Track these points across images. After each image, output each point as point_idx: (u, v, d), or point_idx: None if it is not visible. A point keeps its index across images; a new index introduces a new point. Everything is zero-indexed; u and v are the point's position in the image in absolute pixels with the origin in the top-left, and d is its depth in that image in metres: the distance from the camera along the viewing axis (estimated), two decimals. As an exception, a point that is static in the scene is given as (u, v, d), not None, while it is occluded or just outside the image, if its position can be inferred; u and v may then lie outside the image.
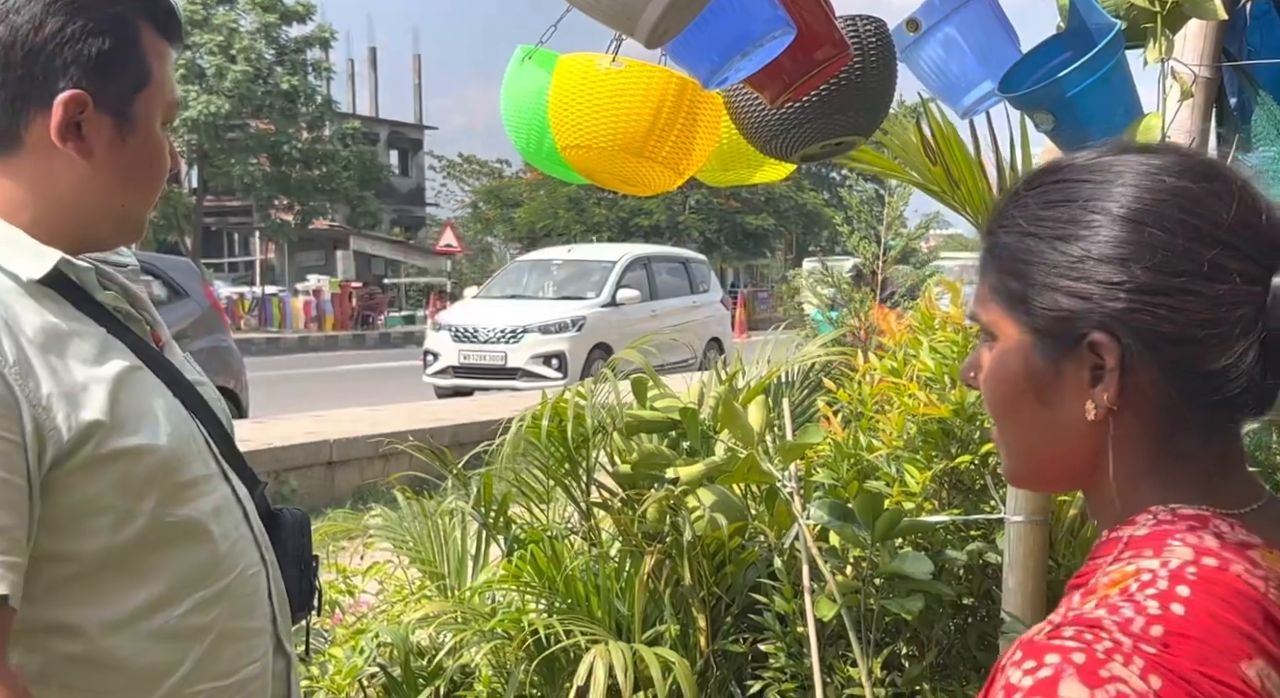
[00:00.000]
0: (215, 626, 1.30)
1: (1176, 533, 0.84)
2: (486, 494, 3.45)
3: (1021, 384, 0.91)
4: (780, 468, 2.96)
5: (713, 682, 3.10)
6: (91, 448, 1.19)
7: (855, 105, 2.13)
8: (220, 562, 1.31)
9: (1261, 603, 0.80)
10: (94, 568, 1.22)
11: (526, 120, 2.42)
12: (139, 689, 1.24)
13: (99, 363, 1.24)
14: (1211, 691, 0.76)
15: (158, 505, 1.25)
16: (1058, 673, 0.76)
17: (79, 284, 1.29)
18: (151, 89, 1.30)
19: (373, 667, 3.21)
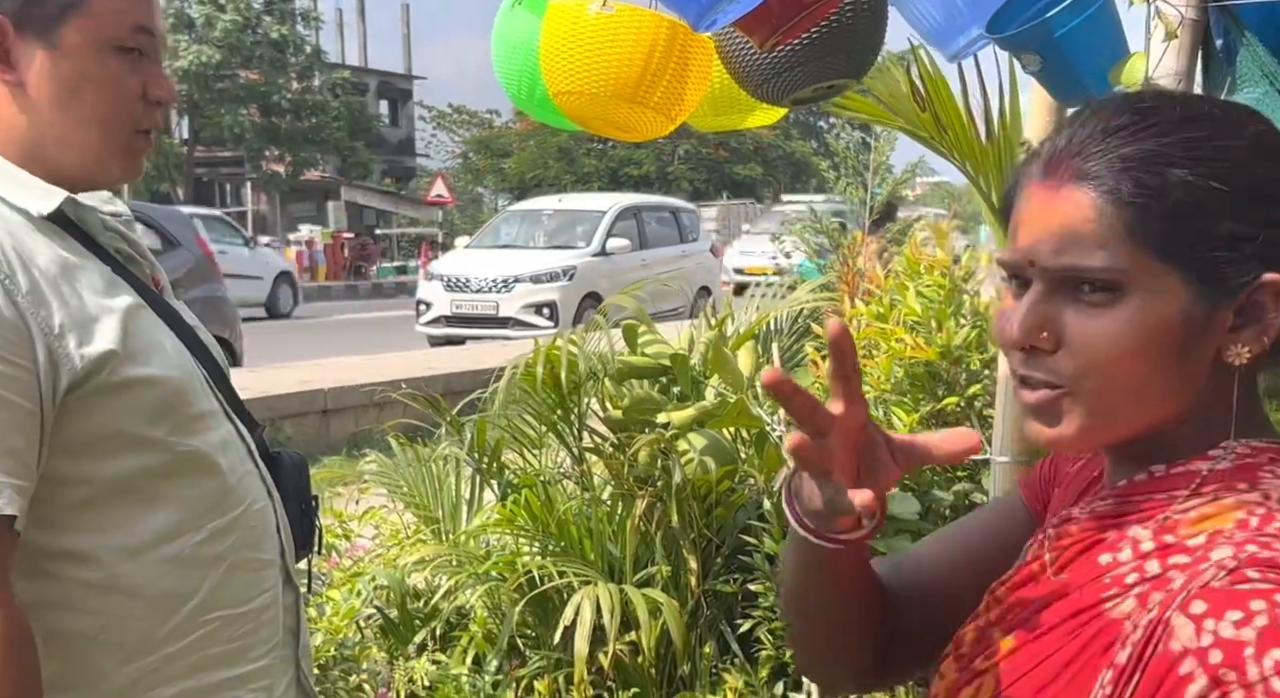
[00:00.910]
0: (228, 555, 1.31)
1: (1264, 466, 0.84)
2: (480, 441, 3.45)
3: (1173, 334, 0.83)
4: (770, 412, 2.97)
5: (703, 621, 3.13)
6: (105, 375, 1.20)
7: (846, 48, 2.10)
8: (230, 493, 1.31)
9: None
10: (108, 493, 1.23)
11: (517, 67, 2.39)
12: (156, 616, 1.26)
13: (109, 295, 1.24)
14: None
15: (168, 434, 1.26)
16: (1276, 618, 0.74)
17: (81, 225, 1.29)
18: (85, 12, 1.26)
19: (370, 609, 3.24)
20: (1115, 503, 0.88)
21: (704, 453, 3.07)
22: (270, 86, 30.32)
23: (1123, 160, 0.83)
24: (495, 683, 3.04)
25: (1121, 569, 0.84)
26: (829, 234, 7.78)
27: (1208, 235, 0.82)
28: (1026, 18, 1.95)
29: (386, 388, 4.68)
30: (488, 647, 3.13)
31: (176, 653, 1.27)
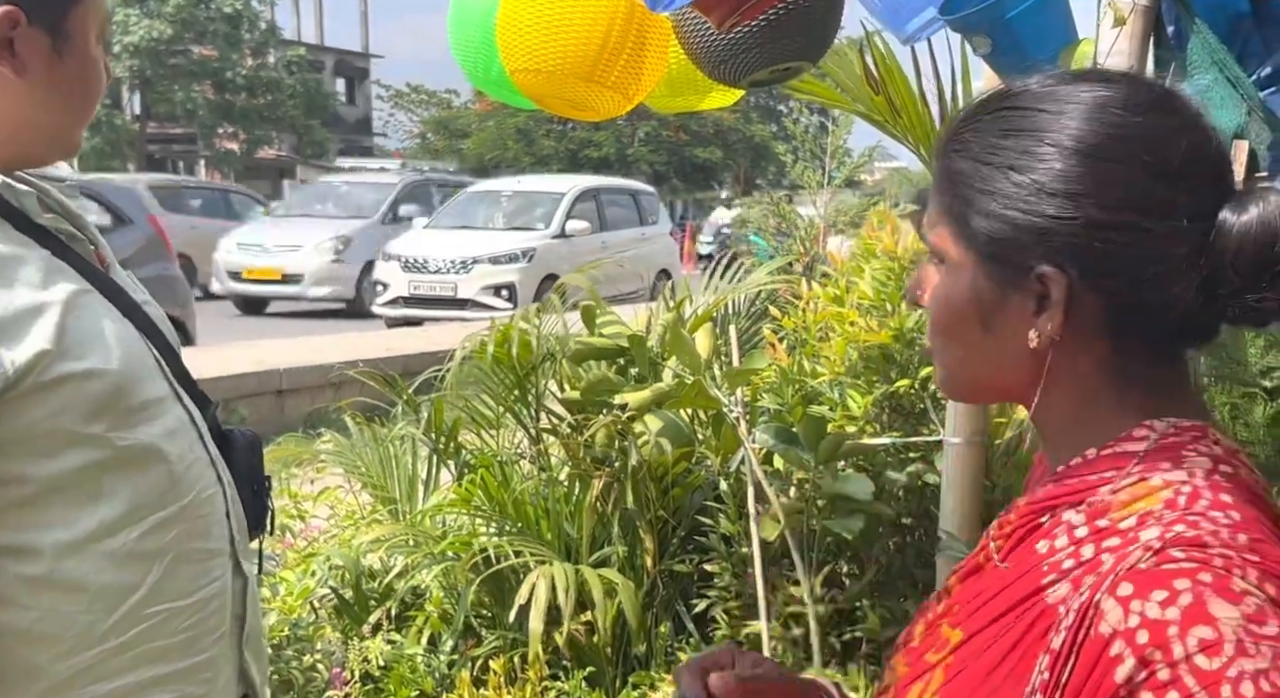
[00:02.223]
0: (172, 547, 1.28)
1: (1185, 445, 0.85)
2: (437, 421, 3.45)
3: (968, 307, 0.91)
4: (727, 394, 2.98)
5: (659, 601, 3.16)
6: (38, 375, 1.17)
7: (802, 30, 2.11)
8: (176, 483, 1.29)
9: (1271, 505, 0.83)
10: (48, 491, 1.21)
11: (474, 44, 2.38)
12: (98, 610, 1.23)
13: (44, 287, 1.21)
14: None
15: (109, 430, 1.23)
16: (1198, 596, 0.76)
17: (19, 208, 1.25)
18: (85, 4, 1.27)
19: (324, 589, 3.23)
20: (1051, 489, 0.90)
21: (661, 434, 3.09)
22: (224, 63, 29.92)
23: (949, 146, 0.92)
24: (450, 663, 3.05)
25: (1059, 555, 0.85)
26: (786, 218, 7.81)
27: (995, 222, 0.87)
28: (979, 2, 1.97)
29: (344, 368, 4.66)
30: (443, 626, 3.14)
31: (118, 647, 1.25)
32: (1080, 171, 0.84)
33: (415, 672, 2.94)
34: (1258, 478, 0.85)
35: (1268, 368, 2.76)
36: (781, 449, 2.90)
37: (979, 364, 0.93)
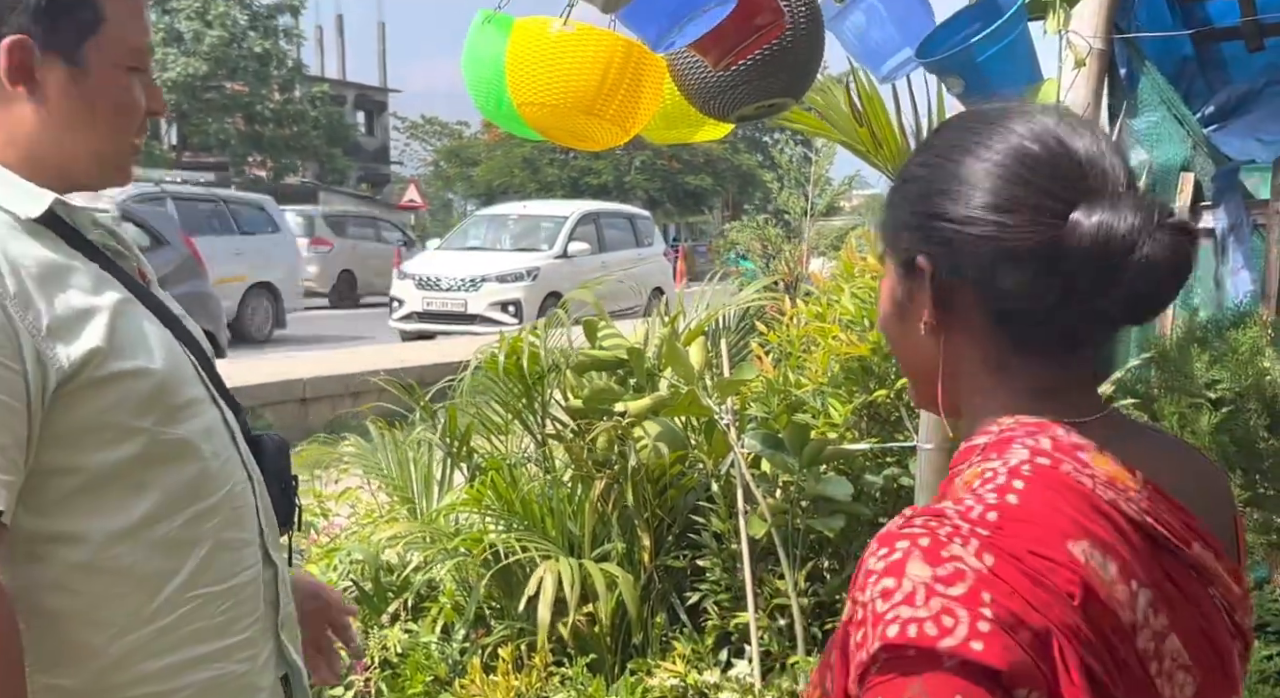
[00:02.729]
0: (209, 536, 1.29)
1: (1017, 438, 0.87)
2: (451, 426, 3.45)
3: (890, 304, 0.96)
4: (718, 402, 2.99)
5: (655, 594, 3.15)
6: (92, 371, 1.18)
7: (787, 69, 2.12)
8: (212, 478, 1.29)
9: (1088, 496, 0.83)
10: (98, 481, 1.20)
11: (486, 80, 2.39)
12: (143, 594, 1.24)
13: (95, 293, 1.22)
14: (1037, 564, 0.79)
15: (155, 424, 1.23)
16: (906, 555, 0.80)
17: (71, 224, 1.26)
18: (104, 34, 1.25)
19: (346, 581, 3.23)
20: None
21: (658, 439, 3.08)
22: (254, 97, 29.98)
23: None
24: (462, 650, 3.04)
25: None
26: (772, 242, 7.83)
27: (896, 226, 0.94)
28: (952, 44, 1.99)
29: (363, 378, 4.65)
30: (456, 617, 3.13)
31: (164, 628, 1.25)
32: (947, 175, 0.89)
33: (430, 659, 2.93)
34: (1095, 472, 0.84)
35: (1212, 381, 2.76)
36: (768, 454, 2.90)
37: (906, 357, 0.97)
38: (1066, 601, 0.78)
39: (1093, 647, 0.78)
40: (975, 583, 0.77)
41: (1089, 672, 0.77)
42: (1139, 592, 0.81)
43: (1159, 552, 0.84)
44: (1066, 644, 0.77)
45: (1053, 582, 0.78)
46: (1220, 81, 3.53)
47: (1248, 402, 2.67)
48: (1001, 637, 0.76)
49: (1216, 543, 0.88)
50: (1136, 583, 0.81)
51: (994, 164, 0.87)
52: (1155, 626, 0.82)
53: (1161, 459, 0.90)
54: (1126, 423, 0.93)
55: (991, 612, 0.76)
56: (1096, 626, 0.79)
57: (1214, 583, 0.87)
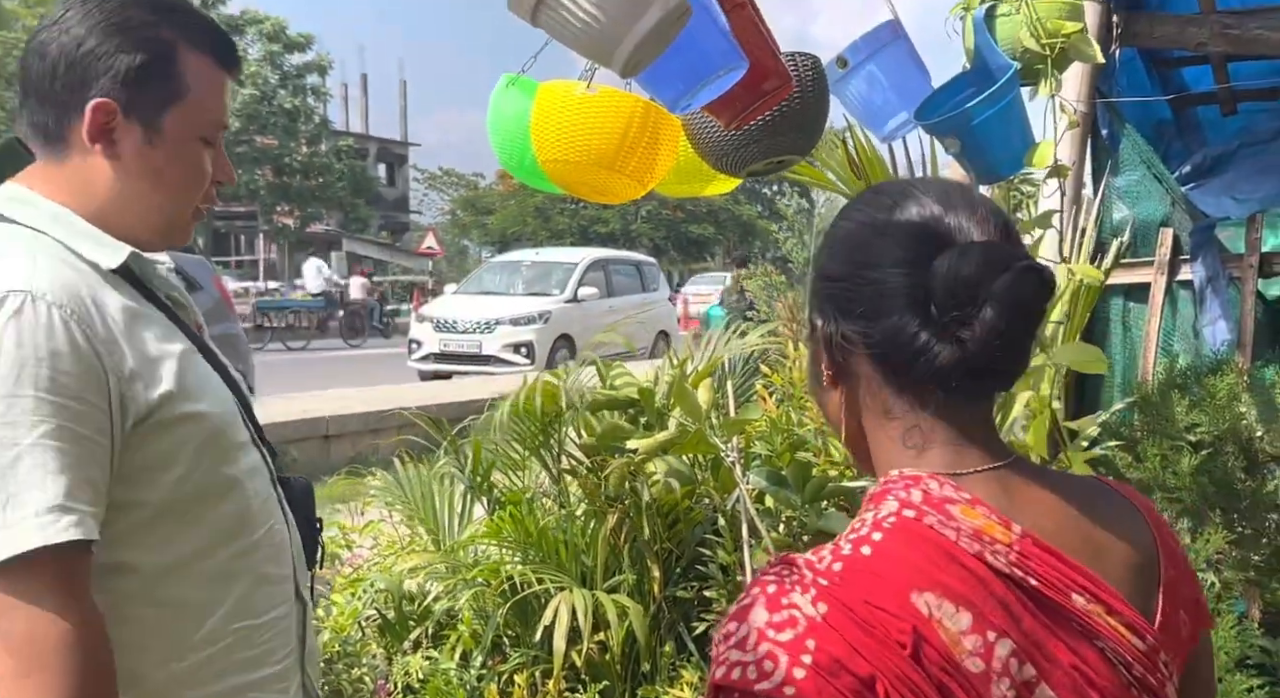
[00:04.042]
0: (251, 571, 1.29)
1: (893, 491, 0.88)
2: (475, 461, 3.45)
3: (810, 374, 0.99)
4: (724, 440, 2.99)
5: (664, 623, 3.13)
6: (162, 413, 1.20)
7: (794, 129, 2.15)
8: (255, 516, 1.30)
9: (948, 549, 0.83)
10: (155, 516, 1.21)
11: (510, 137, 2.42)
12: (188, 624, 1.24)
13: (167, 341, 1.24)
14: (868, 614, 0.79)
15: (210, 464, 1.25)
16: (754, 601, 0.82)
17: (142, 277, 1.28)
18: (186, 106, 1.27)
19: (370, 610, 3.22)
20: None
21: (667, 475, 3.08)
22: (283, 150, 30.24)
23: None
24: (480, 677, 3.02)
25: None
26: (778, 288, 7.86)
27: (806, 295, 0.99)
28: (948, 108, 2.01)
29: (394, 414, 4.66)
30: (474, 645, 3.11)
31: (208, 658, 1.24)
32: (829, 241, 0.95)
33: (449, 685, 2.92)
34: (961, 526, 0.84)
35: (1192, 424, 2.76)
36: (772, 490, 2.90)
37: (829, 419, 0.99)
38: (896, 649, 0.78)
39: (921, 693, 0.78)
40: (804, 630, 0.79)
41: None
42: (997, 642, 0.80)
43: (1032, 603, 0.83)
44: (893, 690, 0.77)
45: (884, 631, 0.79)
46: (1196, 143, 3.57)
47: (1225, 445, 2.67)
48: (817, 681, 0.77)
49: (1108, 595, 0.86)
50: (995, 634, 0.81)
51: (860, 225, 0.92)
52: (1021, 675, 0.81)
53: (1052, 511, 0.88)
54: (1025, 473, 0.91)
55: (812, 658, 0.78)
56: (930, 674, 0.78)
57: (1101, 636, 0.84)
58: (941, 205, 0.90)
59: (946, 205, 0.90)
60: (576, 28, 1.59)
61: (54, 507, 1.09)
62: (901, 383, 0.90)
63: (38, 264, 1.17)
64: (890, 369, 0.90)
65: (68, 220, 1.24)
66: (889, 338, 0.88)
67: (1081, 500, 0.91)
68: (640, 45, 1.57)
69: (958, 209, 0.90)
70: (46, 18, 1.24)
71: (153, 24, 1.25)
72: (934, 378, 0.88)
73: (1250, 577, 2.63)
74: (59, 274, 1.17)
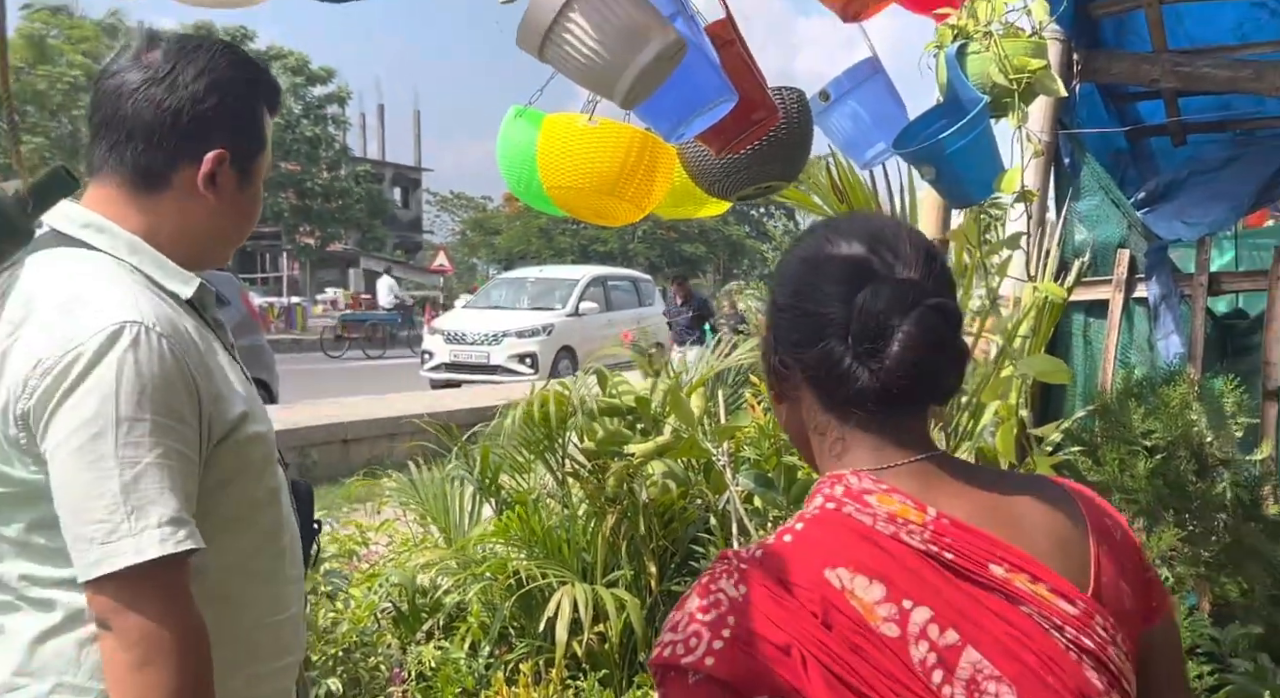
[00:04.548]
0: (280, 571, 1.32)
1: (821, 489, 0.92)
2: (483, 465, 3.44)
3: (768, 381, 1.01)
4: (716, 445, 2.99)
5: (660, 616, 3.12)
6: (237, 433, 1.23)
7: (780, 157, 2.15)
8: (284, 522, 1.33)
9: (864, 532, 0.86)
10: (222, 522, 1.23)
11: (517, 165, 2.42)
12: (236, 617, 1.25)
13: (231, 365, 1.28)
14: (782, 591, 0.83)
15: (264, 476, 1.28)
16: (690, 591, 0.86)
17: (199, 305, 1.31)
18: (265, 153, 1.36)
19: (385, 603, 3.20)
20: None
21: (663, 477, 3.08)
22: (305, 175, 30.25)
23: None
24: (488, 665, 3.01)
25: None
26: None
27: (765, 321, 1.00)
28: (924, 138, 2.02)
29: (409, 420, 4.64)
30: (482, 635, 3.10)
31: (249, 648, 1.27)
32: (778, 275, 0.98)
33: (459, 673, 2.90)
34: (876, 511, 0.87)
35: (1147, 431, 2.76)
36: (760, 491, 2.90)
37: (784, 428, 1.02)
38: (809, 617, 0.82)
39: (835, 655, 0.81)
40: (725, 610, 0.83)
41: (833, 676, 0.80)
42: (914, 610, 0.83)
43: (951, 574, 0.85)
44: (807, 654, 0.81)
45: (796, 603, 0.82)
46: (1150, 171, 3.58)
47: (1178, 449, 2.67)
48: (734, 651, 0.81)
49: (1029, 565, 0.87)
50: (910, 602, 0.83)
51: (799, 261, 0.96)
52: (943, 640, 0.83)
53: (970, 495, 0.91)
54: (946, 466, 0.93)
55: (730, 631, 0.81)
56: (840, 635, 0.82)
57: (1025, 601, 0.86)
58: (868, 243, 0.92)
59: (874, 243, 0.92)
60: (580, 62, 1.60)
61: (171, 519, 1.12)
62: (828, 402, 0.93)
63: (137, 295, 1.19)
64: (820, 390, 0.93)
65: (142, 249, 1.26)
66: (818, 363, 0.91)
67: (1002, 487, 0.93)
68: (639, 79, 1.57)
69: (883, 246, 0.92)
70: (150, 70, 1.27)
71: (253, 84, 1.33)
72: (854, 400, 0.91)
73: (1200, 572, 2.63)
74: (156, 305, 1.20)
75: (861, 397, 0.90)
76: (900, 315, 0.88)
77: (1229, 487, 2.57)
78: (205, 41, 1.32)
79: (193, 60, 1.27)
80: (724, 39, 1.92)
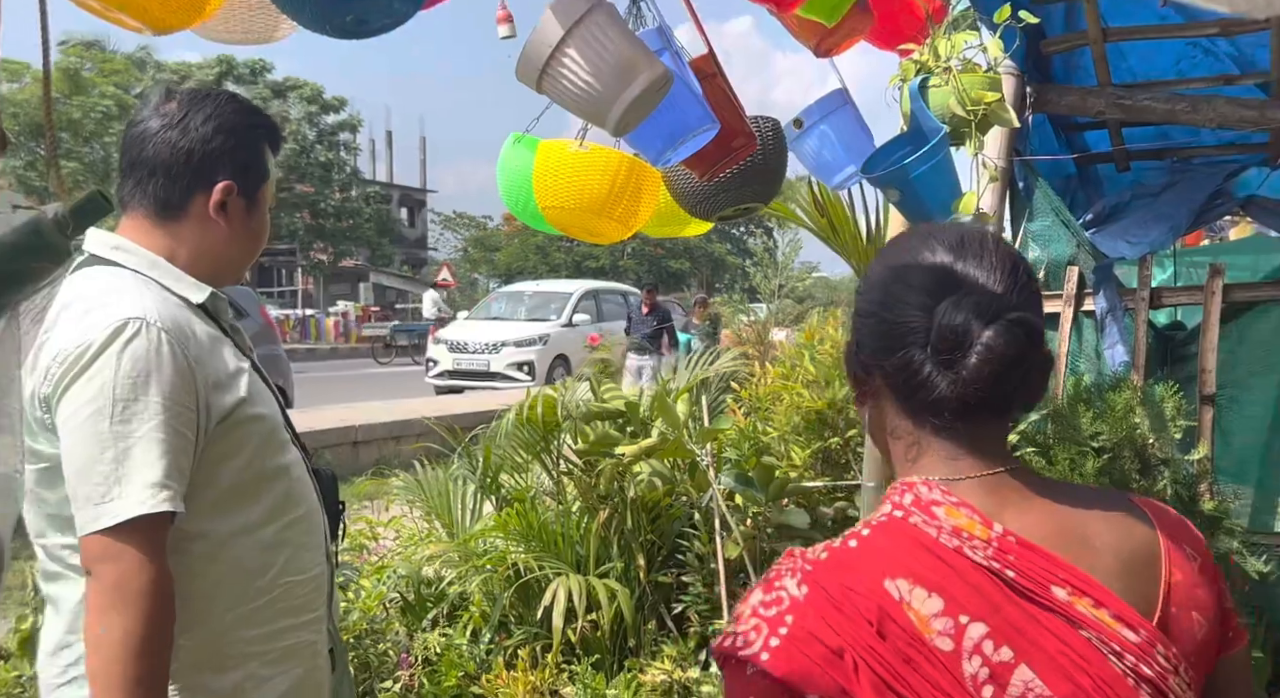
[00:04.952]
0: (295, 539, 1.40)
1: (890, 496, 0.88)
2: (485, 464, 3.44)
3: (853, 387, 0.97)
4: (699, 447, 2.99)
5: (648, 605, 3.12)
6: (236, 414, 1.33)
7: (758, 181, 2.17)
8: (297, 496, 1.41)
9: (928, 543, 0.82)
10: (226, 494, 1.33)
11: (516, 187, 2.42)
12: (248, 579, 1.34)
13: (238, 359, 1.38)
14: (842, 596, 0.79)
15: (268, 455, 1.37)
16: (757, 585, 0.84)
17: (214, 311, 1.42)
18: (268, 184, 1.47)
19: (393, 593, 3.19)
20: None
21: (650, 476, 3.08)
22: (318, 196, 30.18)
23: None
24: (488, 651, 3.00)
25: None
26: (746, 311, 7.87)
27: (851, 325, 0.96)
28: (889, 163, 2.03)
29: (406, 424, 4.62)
30: (483, 623, 3.09)
31: (261, 606, 1.35)
32: (865, 282, 0.94)
33: (461, 658, 2.89)
34: (942, 524, 0.83)
35: (1095, 433, 2.78)
36: (740, 489, 2.90)
37: (867, 429, 0.97)
38: (864, 624, 0.78)
39: (887, 664, 0.77)
40: (785, 608, 0.80)
41: (882, 683, 0.77)
42: (969, 625, 0.78)
43: (1012, 593, 0.80)
44: (859, 659, 0.77)
45: (853, 609, 0.78)
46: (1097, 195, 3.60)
47: (1123, 450, 2.69)
48: (789, 649, 0.78)
49: (1094, 590, 0.82)
50: (967, 617, 0.79)
51: (886, 269, 0.91)
52: (997, 656, 0.78)
53: (1041, 513, 0.85)
54: (1022, 480, 0.88)
55: (788, 630, 0.79)
56: (894, 645, 0.78)
57: (1086, 626, 0.80)
58: (953, 253, 0.88)
59: (959, 252, 0.88)
60: (575, 94, 1.61)
61: (155, 484, 1.22)
62: (906, 408, 0.89)
63: (145, 297, 1.31)
64: (899, 396, 0.89)
65: (161, 265, 1.38)
66: (897, 370, 0.87)
67: (1076, 504, 0.87)
68: (629, 110, 1.58)
69: (968, 256, 0.87)
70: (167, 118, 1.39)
71: (254, 127, 1.44)
72: (930, 408, 0.87)
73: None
74: (163, 306, 1.31)
75: (938, 405, 0.86)
76: (980, 327, 0.83)
77: (1169, 484, 2.59)
78: (213, 92, 1.45)
79: (201, 108, 1.39)
80: (707, 72, 1.94)
